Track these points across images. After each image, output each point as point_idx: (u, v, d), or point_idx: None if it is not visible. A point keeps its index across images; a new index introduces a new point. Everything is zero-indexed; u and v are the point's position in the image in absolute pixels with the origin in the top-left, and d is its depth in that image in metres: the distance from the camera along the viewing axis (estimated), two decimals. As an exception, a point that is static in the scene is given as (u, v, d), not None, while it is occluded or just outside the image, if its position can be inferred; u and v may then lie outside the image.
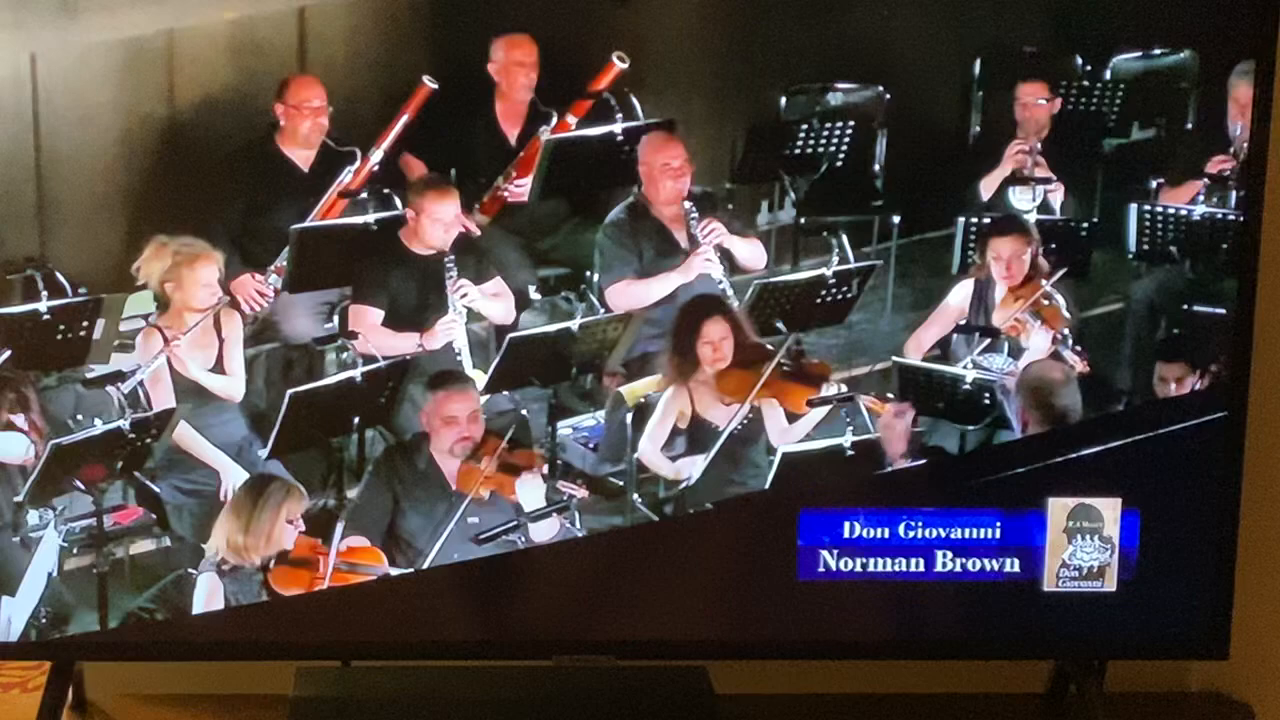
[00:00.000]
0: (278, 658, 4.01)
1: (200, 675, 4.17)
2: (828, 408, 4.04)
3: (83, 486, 3.91)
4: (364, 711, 4.07)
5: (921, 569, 3.95)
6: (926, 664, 4.16)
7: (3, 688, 4.26)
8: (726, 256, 4.12)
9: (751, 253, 4.15)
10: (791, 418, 4.06)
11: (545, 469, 3.99)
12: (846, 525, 3.93)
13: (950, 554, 3.95)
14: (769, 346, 4.05)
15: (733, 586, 3.95)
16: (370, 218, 4.02)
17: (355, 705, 4.07)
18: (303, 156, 4.04)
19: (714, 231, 4.11)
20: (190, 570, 3.91)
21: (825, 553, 3.93)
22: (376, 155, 4.01)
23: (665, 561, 3.95)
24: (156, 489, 3.99)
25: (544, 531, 3.96)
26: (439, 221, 4.02)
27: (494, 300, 4.09)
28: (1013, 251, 4.09)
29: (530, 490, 3.95)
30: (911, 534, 3.94)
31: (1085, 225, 4.13)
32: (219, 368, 4.00)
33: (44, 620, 3.91)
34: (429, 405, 3.97)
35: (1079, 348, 4.06)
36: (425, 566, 3.94)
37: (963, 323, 4.11)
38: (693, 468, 4.05)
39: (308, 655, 4.00)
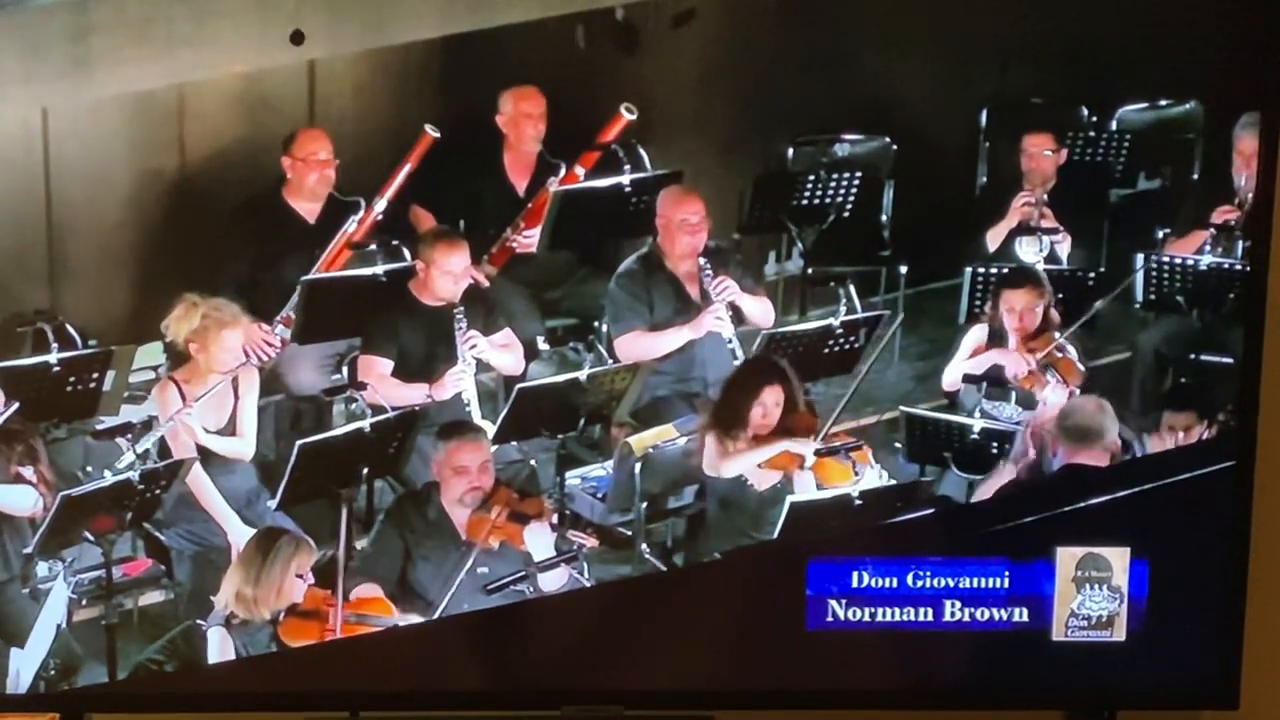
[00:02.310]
0: (286, 709, 3.99)
1: (209, 727, 4.16)
2: (860, 479, 4.05)
3: (92, 538, 3.91)
4: (373, 762, 4.06)
5: (930, 618, 3.94)
6: (936, 714, 4.14)
7: (11, 739, 4.25)
8: (735, 312, 4.13)
9: (761, 310, 4.16)
10: (820, 486, 4.08)
11: (555, 518, 4.00)
12: (855, 575, 3.92)
13: (959, 603, 3.94)
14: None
15: (741, 636, 3.95)
16: (379, 269, 4.03)
17: (364, 756, 4.05)
18: (308, 209, 4.06)
19: (727, 289, 4.12)
20: (199, 622, 3.91)
21: (834, 602, 3.93)
22: (380, 205, 4.02)
23: (673, 611, 3.95)
24: (161, 536, 3.99)
25: (553, 581, 3.96)
26: (449, 273, 4.03)
27: (503, 351, 4.10)
28: (1026, 304, 4.11)
29: (539, 540, 3.96)
30: (920, 583, 3.93)
31: (1092, 275, 4.14)
32: (230, 426, 4.00)
33: (53, 671, 3.90)
34: (440, 455, 3.97)
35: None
36: (435, 617, 3.94)
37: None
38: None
39: (316, 706, 3.99)
